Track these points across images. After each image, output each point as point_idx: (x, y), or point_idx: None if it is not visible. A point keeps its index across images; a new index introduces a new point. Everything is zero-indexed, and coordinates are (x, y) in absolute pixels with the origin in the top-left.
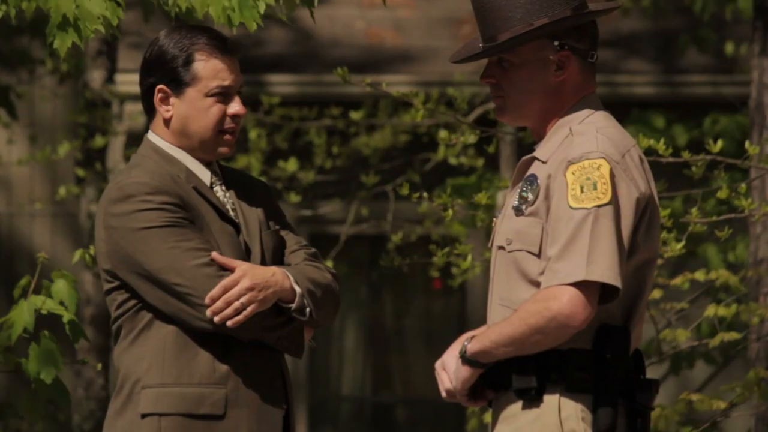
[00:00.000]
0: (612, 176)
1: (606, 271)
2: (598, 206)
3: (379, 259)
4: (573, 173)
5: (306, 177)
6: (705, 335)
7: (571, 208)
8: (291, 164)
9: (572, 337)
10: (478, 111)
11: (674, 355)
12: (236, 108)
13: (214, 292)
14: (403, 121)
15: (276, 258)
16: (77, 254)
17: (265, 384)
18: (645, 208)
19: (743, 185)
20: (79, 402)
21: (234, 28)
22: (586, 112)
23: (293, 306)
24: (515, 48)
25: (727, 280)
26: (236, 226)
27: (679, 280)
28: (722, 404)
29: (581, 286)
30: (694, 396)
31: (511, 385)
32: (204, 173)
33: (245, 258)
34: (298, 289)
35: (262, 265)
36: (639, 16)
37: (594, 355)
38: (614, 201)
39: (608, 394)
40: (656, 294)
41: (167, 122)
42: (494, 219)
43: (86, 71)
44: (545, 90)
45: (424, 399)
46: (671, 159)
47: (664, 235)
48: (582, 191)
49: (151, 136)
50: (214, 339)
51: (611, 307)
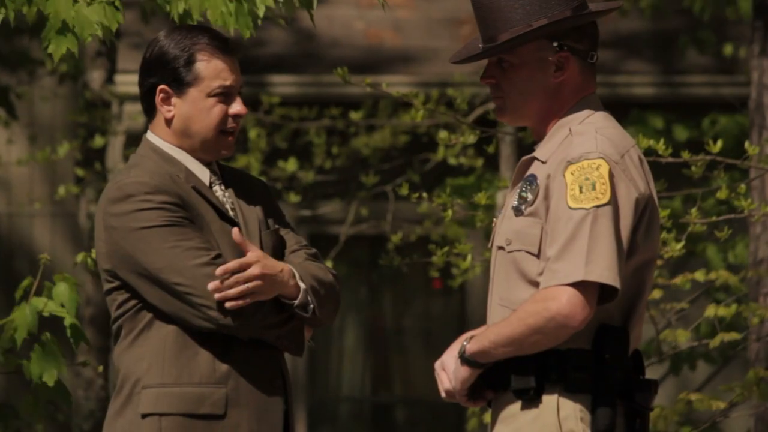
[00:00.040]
0: (611, 176)
1: (605, 271)
2: (597, 206)
3: (378, 260)
4: (572, 173)
5: (306, 177)
6: (704, 335)
7: (570, 209)
8: (291, 164)
9: (571, 338)
10: (478, 111)
11: (674, 356)
12: (237, 108)
13: (231, 265)
14: (402, 121)
15: (276, 257)
16: (79, 257)
17: (266, 383)
18: (644, 209)
19: (743, 185)
20: (79, 402)
21: (231, 30)
22: (586, 113)
23: (296, 302)
24: (515, 49)
25: (727, 281)
26: (236, 226)
27: (679, 281)
28: (722, 404)
29: (580, 286)
30: (694, 396)
31: (510, 385)
32: (203, 173)
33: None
34: (302, 285)
35: None
36: (638, 17)
37: (593, 355)
38: (613, 201)
39: (607, 395)
40: (656, 294)
41: (169, 122)
42: (494, 219)
43: (86, 71)
44: (545, 90)
45: (424, 399)
46: (671, 159)
47: (663, 236)
48: (581, 191)
49: (150, 136)
50: (214, 338)
51: (610, 308)
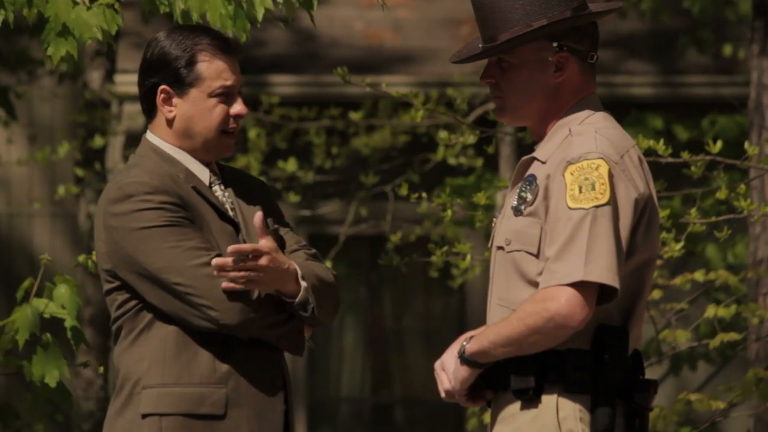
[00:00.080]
0: (610, 177)
1: (604, 271)
2: (597, 206)
3: (378, 260)
4: (571, 173)
5: (305, 177)
6: (704, 336)
7: (570, 209)
8: (290, 164)
9: (570, 338)
10: (478, 111)
11: (674, 356)
12: (239, 108)
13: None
14: (402, 121)
15: None
16: (80, 259)
17: (266, 383)
18: (644, 209)
19: (742, 185)
20: (78, 402)
21: (230, 32)
22: (586, 113)
23: (296, 301)
24: (514, 49)
25: (727, 281)
26: (236, 226)
27: (679, 281)
28: (721, 405)
29: (579, 286)
30: (693, 396)
31: (509, 385)
32: (203, 173)
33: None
34: (303, 284)
35: None
36: (638, 17)
37: (592, 355)
38: (613, 201)
39: (606, 395)
40: (656, 294)
41: (170, 123)
42: (494, 219)
43: (85, 71)
44: (544, 91)
45: (424, 399)
46: (670, 159)
47: (663, 236)
48: (580, 191)
49: (149, 136)
50: (214, 339)
51: (610, 308)
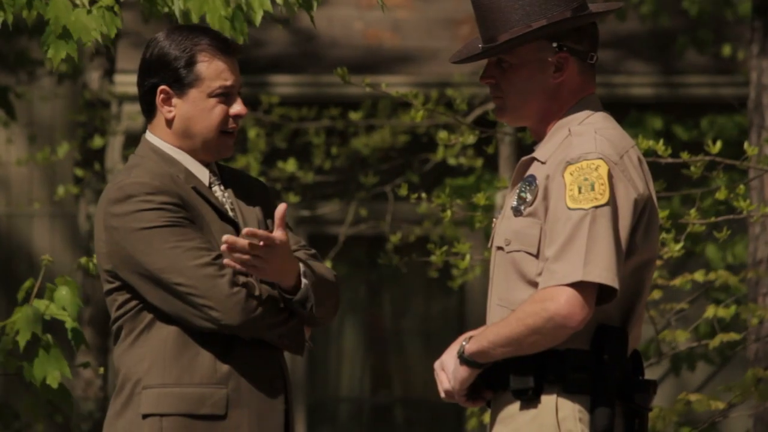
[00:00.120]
0: (610, 177)
1: (603, 271)
2: (596, 207)
3: (377, 260)
4: (571, 174)
5: (305, 177)
6: (704, 336)
7: (569, 209)
8: (290, 164)
9: (570, 338)
10: (477, 112)
11: (673, 356)
12: (238, 108)
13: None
14: (402, 121)
15: None
16: (81, 262)
17: (266, 384)
18: (643, 209)
19: (742, 186)
20: (78, 403)
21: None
22: (586, 113)
23: (296, 297)
24: (514, 49)
25: (727, 281)
26: (236, 226)
27: (679, 281)
28: (721, 405)
29: (578, 286)
30: (693, 396)
31: (508, 385)
32: (203, 173)
33: None
34: (304, 281)
35: None
36: (638, 18)
37: (592, 355)
38: (612, 202)
39: (605, 395)
40: (656, 295)
41: (169, 123)
42: (493, 219)
43: (85, 72)
44: (544, 91)
45: (423, 399)
46: (670, 159)
47: (663, 236)
48: (580, 192)
49: (149, 136)
50: (214, 339)
51: (609, 308)
